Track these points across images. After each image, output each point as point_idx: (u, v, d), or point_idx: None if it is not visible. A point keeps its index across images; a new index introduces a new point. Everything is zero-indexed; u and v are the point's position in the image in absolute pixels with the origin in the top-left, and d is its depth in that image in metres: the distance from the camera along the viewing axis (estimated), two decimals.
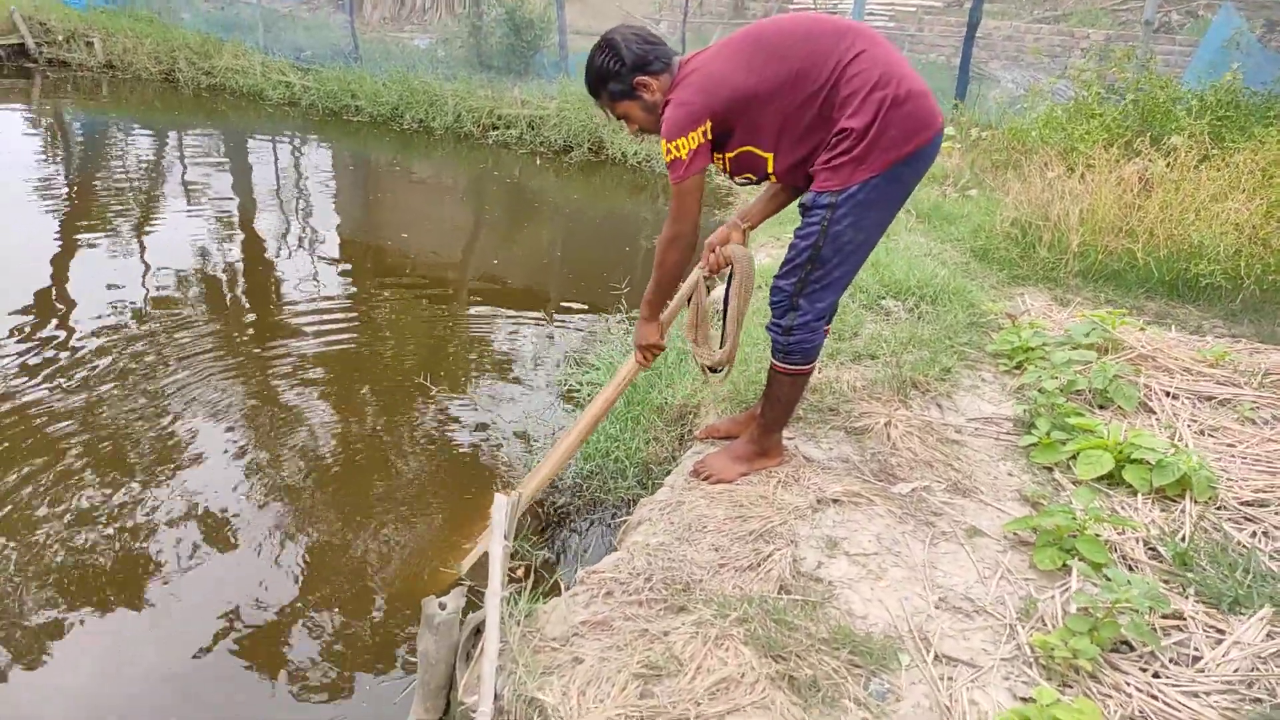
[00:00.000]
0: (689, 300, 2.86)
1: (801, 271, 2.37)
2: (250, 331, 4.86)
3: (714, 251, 2.66)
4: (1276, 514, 2.52)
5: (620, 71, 2.39)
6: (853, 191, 2.24)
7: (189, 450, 3.65)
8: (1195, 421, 3.05)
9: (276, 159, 9.24)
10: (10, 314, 4.75)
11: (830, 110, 2.25)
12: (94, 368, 4.24)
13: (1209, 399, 3.21)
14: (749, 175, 2.49)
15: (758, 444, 2.69)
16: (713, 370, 2.86)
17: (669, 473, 2.97)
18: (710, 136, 2.31)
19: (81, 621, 2.75)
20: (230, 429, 3.80)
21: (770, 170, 2.42)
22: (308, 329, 4.90)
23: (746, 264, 2.62)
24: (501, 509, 2.40)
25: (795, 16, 2.36)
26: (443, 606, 2.12)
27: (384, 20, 15.32)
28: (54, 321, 4.75)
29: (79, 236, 6.21)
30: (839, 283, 2.41)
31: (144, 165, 8.49)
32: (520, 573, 2.73)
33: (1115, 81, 6.52)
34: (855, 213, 2.26)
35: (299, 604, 2.86)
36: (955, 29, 11.54)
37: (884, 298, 4.06)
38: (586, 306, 5.44)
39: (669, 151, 2.30)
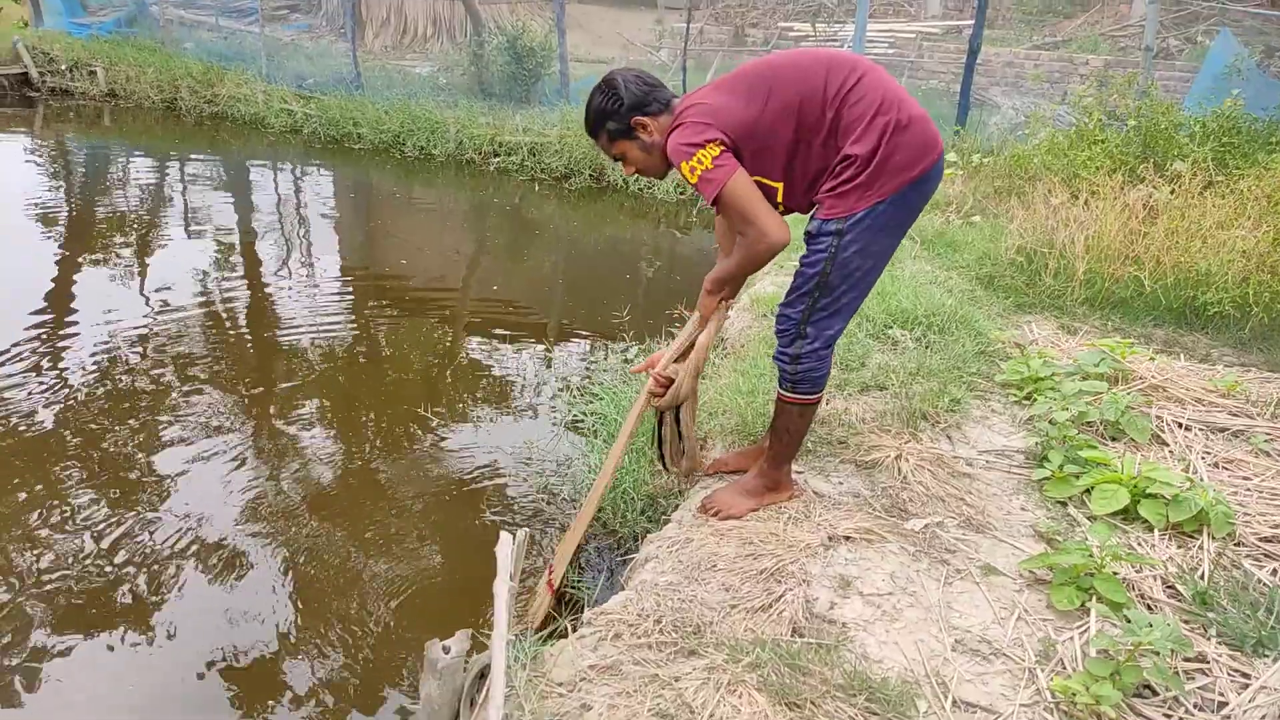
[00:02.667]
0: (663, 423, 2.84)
1: (809, 299, 2.35)
2: (250, 358, 4.83)
3: (653, 371, 2.69)
4: None
5: (619, 110, 2.39)
6: (860, 217, 2.23)
7: (186, 478, 3.60)
8: (1209, 454, 3.01)
9: (278, 186, 9.26)
10: (10, 340, 4.73)
11: (834, 138, 2.25)
12: (92, 393, 4.21)
13: (1222, 430, 3.17)
14: None
15: (767, 478, 2.64)
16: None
17: (676, 506, 2.93)
18: (726, 149, 2.24)
19: (69, 650, 2.71)
20: (228, 457, 3.76)
21: (779, 200, 2.41)
22: (307, 356, 4.87)
23: (686, 382, 2.66)
24: (506, 547, 2.35)
25: (788, 52, 2.38)
26: (446, 649, 2.07)
27: (386, 48, 15.43)
28: (53, 347, 4.72)
29: (79, 263, 6.19)
30: (847, 309, 2.39)
31: (145, 192, 8.50)
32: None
33: (1116, 108, 6.53)
34: (863, 239, 2.25)
35: (295, 642, 2.80)
36: (955, 56, 11.61)
37: (891, 327, 4.03)
38: (588, 334, 5.41)
39: (692, 170, 2.21)
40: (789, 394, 2.47)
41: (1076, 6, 13.60)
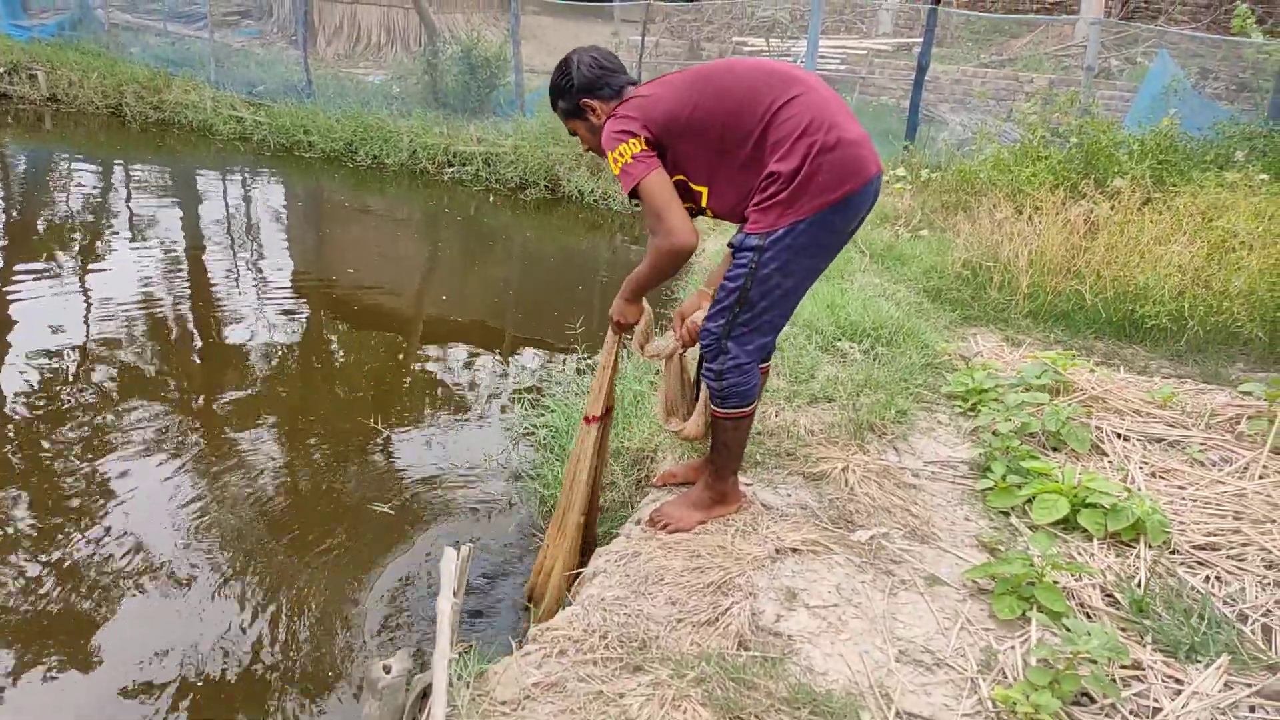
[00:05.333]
0: (662, 371, 2.78)
1: (729, 314, 2.34)
2: (195, 371, 4.72)
3: (684, 322, 2.61)
4: (1228, 558, 2.54)
5: (569, 90, 2.44)
6: (780, 235, 2.23)
7: (128, 494, 3.50)
8: (1146, 464, 3.08)
9: (226, 195, 9.08)
10: None
11: (761, 154, 2.25)
12: (32, 406, 4.07)
13: (1159, 441, 3.25)
14: (687, 205, 2.45)
15: (713, 491, 2.64)
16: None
17: (625, 519, 2.91)
18: (648, 148, 2.29)
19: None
20: (173, 473, 3.66)
21: (705, 205, 2.41)
22: (254, 367, 4.77)
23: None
24: (450, 563, 2.32)
25: (741, 61, 2.38)
26: (387, 669, 2.03)
27: (338, 56, 15.25)
28: None
29: (17, 273, 6.00)
30: (768, 326, 2.38)
31: (89, 201, 8.28)
32: None
33: (1059, 125, 6.70)
34: (782, 257, 2.25)
35: (235, 660, 2.72)
36: (904, 72, 11.81)
37: (839, 339, 4.06)
38: (541, 345, 5.38)
39: (614, 162, 2.28)
40: (719, 409, 2.47)
41: (1023, 27, 13.93)
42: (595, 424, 2.75)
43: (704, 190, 2.38)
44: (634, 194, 2.27)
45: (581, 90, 2.42)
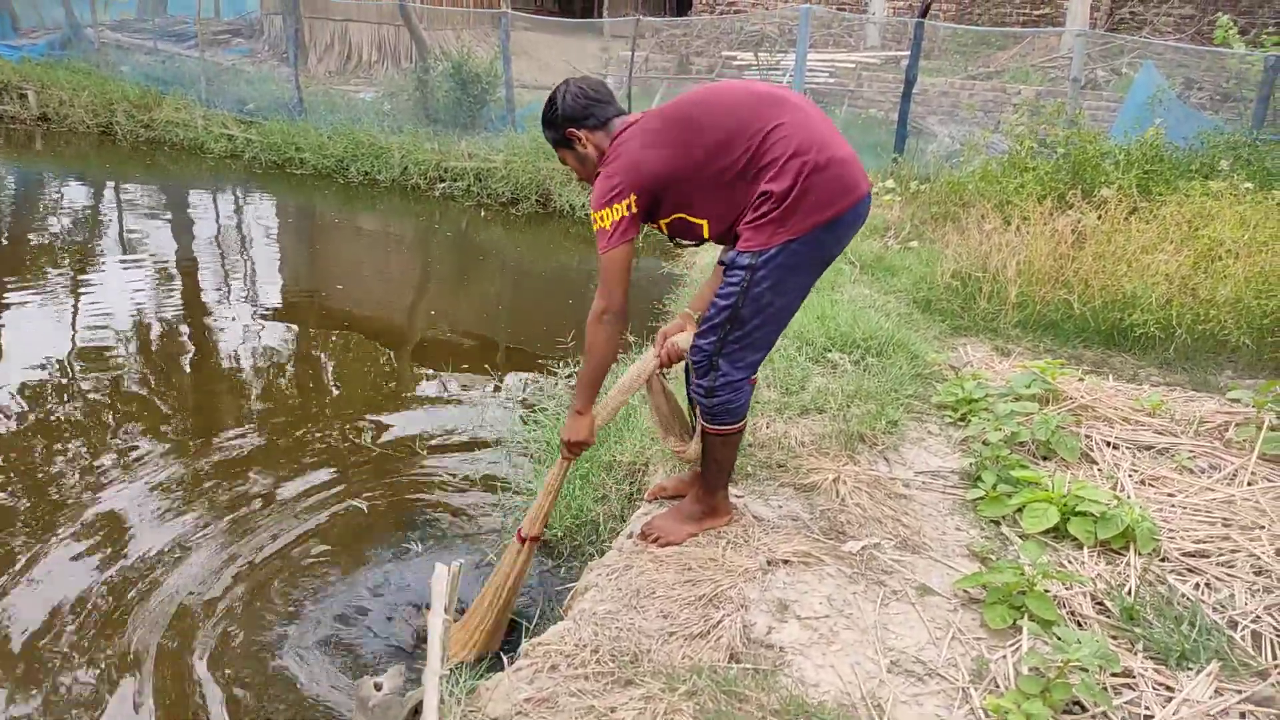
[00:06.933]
0: (647, 393, 2.77)
1: (720, 331, 2.36)
2: (186, 390, 4.71)
3: (666, 342, 2.63)
4: (1217, 564, 2.55)
5: (554, 120, 2.47)
6: (773, 254, 2.25)
7: (116, 516, 3.48)
8: (1136, 471, 3.09)
9: (218, 212, 9.08)
10: None
11: (753, 177, 2.27)
12: (21, 426, 4.06)
13: (1148, 448, 3.26)
14: (689, 241, 2.51)
15: (703, 504, 2.65)
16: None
17: (618, 533, 2.91)
18: (636, 210, 2.31)
19: None
20: (161, 493, 3.65)
21: (706, 235, 2.44)
22: (245, 385, 4.76)
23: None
24: (442, 579, 2.31)
25: (723, 87, 2.39)
26: (378, 686, 2.02)
27: (329, 73, 15.27)
28: None
29: (7, 291, 5.99)
30: (760, 343, 2.39)
31: (79, 219, 8.27)
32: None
33: (1046, 136, 6.74)
34: (775, 275, 2.27)
35: (228, 681, 2.71)
36: (893, 85, 11.89)
37: (830, 350, 4.08)
38: (531, 360, 5.38)
39: (596, 221, 2.33)
40: (710, 426, 2.48)
41: (1009, 39, 14.05)
42: (532, 545, 2.74)
43: (704, 222, 2.40)
44: (602, 254, 2.33)
45: (567, 120, 2.44)
